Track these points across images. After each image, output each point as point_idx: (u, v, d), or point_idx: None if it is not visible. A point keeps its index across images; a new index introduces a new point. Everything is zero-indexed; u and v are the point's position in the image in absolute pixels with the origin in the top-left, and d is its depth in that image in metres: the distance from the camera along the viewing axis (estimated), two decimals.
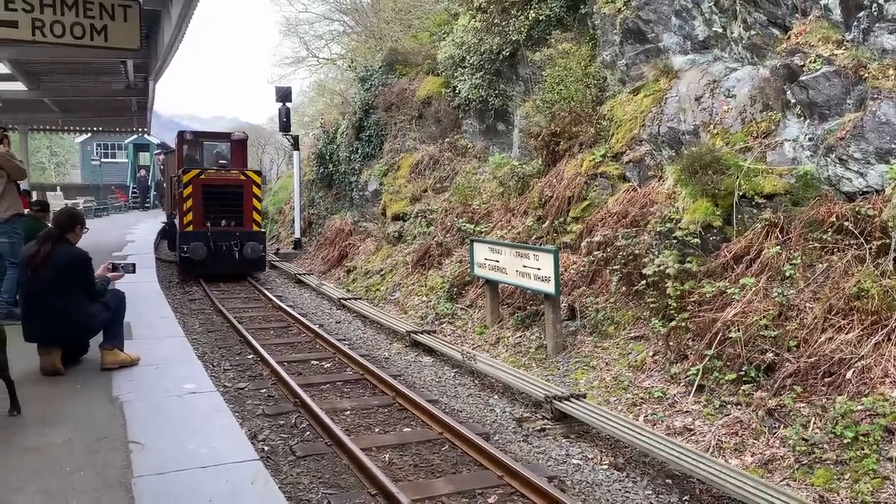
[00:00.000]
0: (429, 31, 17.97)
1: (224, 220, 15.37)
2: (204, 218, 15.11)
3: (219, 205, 15.34)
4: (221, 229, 15.24)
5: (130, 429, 5.00)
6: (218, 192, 15.37)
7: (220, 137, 18.64)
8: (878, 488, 5.01)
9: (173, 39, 10.88)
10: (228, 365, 8.60)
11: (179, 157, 17.25)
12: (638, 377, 7.55)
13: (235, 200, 15.59)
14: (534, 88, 12.51)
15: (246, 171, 16.12)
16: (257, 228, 16.00)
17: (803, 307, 6.67)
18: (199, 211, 15.12)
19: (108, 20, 7.38)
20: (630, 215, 9.28)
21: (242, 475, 4.28)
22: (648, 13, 10.11)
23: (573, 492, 5.37)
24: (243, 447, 4.74)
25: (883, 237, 6.48)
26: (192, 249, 14.62)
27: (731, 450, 5.97)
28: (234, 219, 15.57)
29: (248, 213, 15.74)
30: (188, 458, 4.50)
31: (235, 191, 15.64)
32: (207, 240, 14.89)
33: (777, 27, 8.37)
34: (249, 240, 15.41)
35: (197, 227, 15.03)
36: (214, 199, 15.29)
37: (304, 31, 32.28)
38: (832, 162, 7.16)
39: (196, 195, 15.14)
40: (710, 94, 9.12)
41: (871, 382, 5.75)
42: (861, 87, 7.07)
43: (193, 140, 17.63)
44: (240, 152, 17.71)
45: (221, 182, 15.53)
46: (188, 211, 15.06)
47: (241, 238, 15.31)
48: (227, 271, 15.38)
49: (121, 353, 6.68)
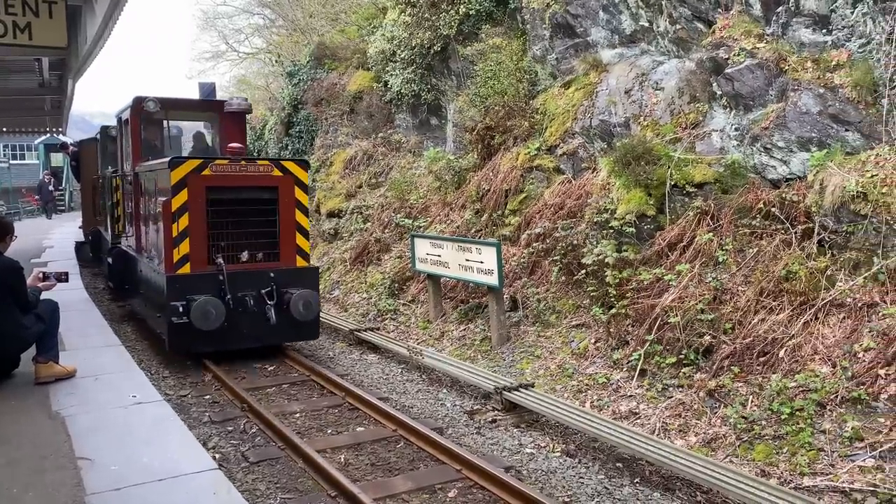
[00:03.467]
0: (357, 26, 17.81)
1: (248, 252, 8.69)
2: (212, 250, 8.45)
3: (239, 224, 8.68)
4: (244, 268, 8.59)
5: (77, 444, 4.83)
6: (237, 202, 8.65)
7: (205, 108, 11.05)
8: (814, 460, 5.32)
9: (98, 37, 10.42)
10: (168, 372, 8.36)
11: (135, 143, 10.23)
12: (582, 364, 7.75)
13: (266, 215, 8.84)
14: (466, 83, 12.60)
15: (282, 163, 9.08)
16: (304, 263, 9.10)
17: (736, 291, 6.99)
18: (203, 237, 8.41)
19: (32, 17, 7.04)
20: (567, 207, 9.48)
21: (202, 485, 4.20)
22: (577, 8, 10.32)
23: (530, 480, 5.48)
24: (200, 456, 4.65)
25: (807, 221, 6.84)
26: (199, 312, 7.87)
27: (675, 431, 6.21)
28: (264, 248, 8.83)
29: (287, 236, 8.94)
30: (143, 472, 4.38)
31: (266, 198, 8.84)
32: (221, 290, 8.22)
33: (701, 21, 8.69)
34: (293, 283, 8.67)
35: (199, 265, 8.36)
36: (231, 214, 8.61)
37: (223, 25, 31.44)
38: (758, 151, 7.50)
39: (196, 208, 8.35)
40: (639, 86, 9.39)
41: (803, 360, 6.09)
42: (782, 78, 7.43)
43: (158, 113, 10.15)
44: (238, 134, 10.61)
45: (242, 183, 8.67)
46: (181, 237, 8.31)
47: (278, 282, 8.58)
48: (257, 344, 8.72)
49: (56, 366, 6.44)
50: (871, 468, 5.09)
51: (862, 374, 5.68)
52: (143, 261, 9.81)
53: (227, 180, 8.53)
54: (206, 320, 7.87)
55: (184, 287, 8.10)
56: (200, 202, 8.32)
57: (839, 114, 6.84)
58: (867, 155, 6.51)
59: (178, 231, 8.25)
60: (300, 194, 9.03)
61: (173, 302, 7.97)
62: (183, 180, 8.25)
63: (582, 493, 5.34)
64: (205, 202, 8.37)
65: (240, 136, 10.57)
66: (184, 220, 8.27)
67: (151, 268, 9.14)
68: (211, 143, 11.29)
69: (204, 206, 8.36)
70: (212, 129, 11.33)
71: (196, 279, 8.21)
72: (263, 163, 8.97)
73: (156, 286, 8.76)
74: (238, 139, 10.31)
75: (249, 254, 8.70)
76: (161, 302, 8.33)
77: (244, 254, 8.66)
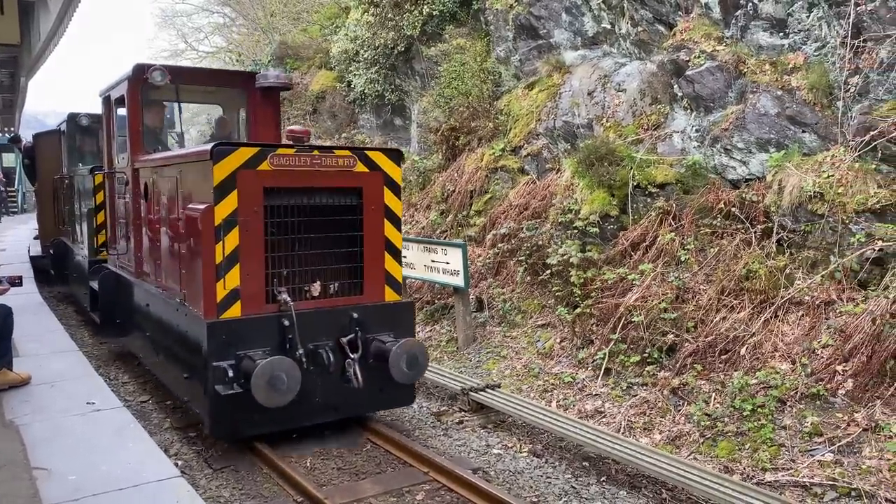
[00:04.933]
0: (319, 25, 17.68)
1: (318, 282, 6.05)
2: (270, 278, 5.81)
3: (308, 243, 6.04)
4: (316, 306, 5.99)
5: (32, 454, 4.69)
6: (306, 211, 5.98)
7: (228, 81, 8.60)
8: (775, 455, 5.42)
9: (52, 34, 10.12)
10: (127, 377, 8.16)
11: (134, 128, 7.51)
12: (547, 364, 7.79)
13: (345, 229, 6.19)
14: (430, 83, 12.58)
15: (368, 153, 6.30)
16: (395, 297, 6.46)
17: (698, 289, 7.09)
18: (259, 263, 5.73)
19: None
20: (531, 207, 9.53)
21: (166, 493, 4.10)
22: (540, 9, 10.38)
23: (498, 481, 5.48)
24: (162, 463, 4.55)
25: (766, 221, 6.98)
26: (265, 380, 5.19)
27: (640, 429, 6.28)
28: (342, 277, 6.23)
29: (373, 259, 6.31)
30: (103, 481, 4.26)
31: (345, 204, 6.20)
32: (287, 341, 5.64)
33: (662, 24, 8.81)
34: (382, 326, 6.18)
35: (254, 305, 5.70)
36: (298, 227, 5.97)
37: (182, 23, 30.99)
38: (718, 152, 7.63)
39: (251, 220, 5.66)
40: (601, 88, 9.49)
41: (763, 357, 6.20)
42: (741, 81, 7.56)
43: (166, 89, 7.59)
44: (272, 118, 7.51)
45: (314, 183, 5.98)
46: (228, 264, 5.58)
47: (363, 326, 6.04)
48: (333, 418, 6.13)
49: (10, 373, 6.26)
50: (830, 462, 5.20)
51: (820, 370, 5.81)
52: (150, 291, 7.01)
53: (293, 179, 5.73)
54: (276, 392, 5.17)
55: (233, 338, 5.41)
56: (256, 211, 5.56)
57: (796, 115, 6.99)
58: (823, 156, 6.67)
59: (223, 254, 5.43)
60: (391, 199, 6.26)
61: (218, 362, 5.29)
62: (231, 178, 5.43)
63: (549, 492, 5.36)
64: (262, 211, 5.60)
65: (273, 122, 7.54)
66: (232, 239, 5.45)
67: (171, 306, 6.27)
68: (240, 132, 8.48)
69: (261, 217, 5.60)
70: (232, 111, 8.67)
71: (250, 326, 5.51)
72: (343, 153, 6.02)
73: (183, 335, 5.96)
74: (271, 125, 7.45)
75: (322, 285, 5.97)
76: (194, 361, 5.68)
77: (315, 285, 5.93)
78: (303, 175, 5.83)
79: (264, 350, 5.47)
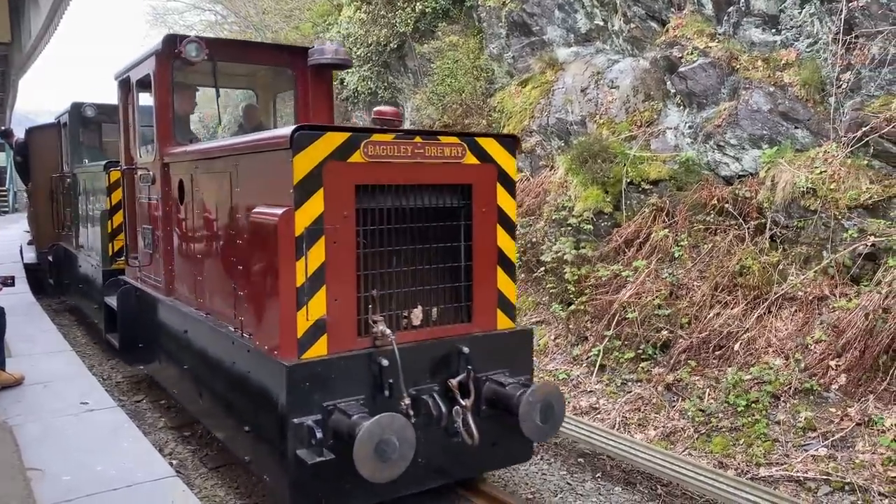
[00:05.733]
0: (312, 22, 17.61)
1: (419, 307, 4.63)
2: (363, 304, 4.39)
3: (406, 256, 4.62)
4: (416, 339, 4.54)
5: (26, 454, 4.66)
6: (406, 215, 4.56)
7: (274, 58, 7.11)
8: (769, 450, 5.44)
9: (43, 31, 10.04)
10: (121, 377, 8.14)
11: (163, 113, 6.21)
12: (542, 360, 7.80)
13: (450, 237, 4.75)
14: (423, 81, 12.56)
15: (478, 140, 4.77)
16: (509, 323, 4.97)
17: (692, 286, 7.11)
18: (350, 283, 4.30)
19: None
20: (525, 204, 9.53)
21: (160, 493, 4.09)
22: (532, 6, 10.37)
23: (493, 479, 5.48)
24: (157, 464, 4.53)
25: (759, 217, 7.00)
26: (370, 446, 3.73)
27: (635, 425, 6.29)
28: (445, 299, 4.78)
29: (484, 276, 4.85)
30: (97, 481, 4.25)
31: (450, 205, 4.76)
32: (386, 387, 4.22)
33: (655, 21, 8.82)
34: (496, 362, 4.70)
35: (344, 339, 4.27)
36: (396, 237, 4.55)
37: (174, 21, 30.79)
38: (711, 148, 7.64)
39: (340, 227, 4.24)
40: (594, 85, 9.49)
41: (757, 353, 6.23)
42: (734, 77, 7.58)
43: (201, 66, 6.23)
44: (324, 101, 6.88)
45: (415, 178, 4.55)
46: (313, 286, 4.15)
47: (474, 363, 4.55)
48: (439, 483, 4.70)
49: (3, 373, 6.23)
50: (824, 457, 5.23)
51: (814, 365, 5.84)
52: (187, 314, 5.65)
53: (391, 174, 4.41)
54: (385, 464, 3.80)
55: (318, 385, 4.06)
56: (347, 216, 4.24)
57: (789, 112, 7.01)
58: (816, 152, 6.69)
59: (306, 274, 4.11)
60: (505, 198, 4.90)
61: (300, 418, 3.95)
62: (316, 173, 4.13)
63: (545, 489, 5.37)
64: (354, 215, 4.28)
65: (327, 107, 6.72)
66: (317, 253, 4.14)
67: (223, 337, 4.91)
68: (275, 122, 7.60)
69: (353, 224, 4.28)
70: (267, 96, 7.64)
71: (340, 368, 4.15)
72: (450, 140, 4.61)
73: (243, 377, 4.59)
74: (324, 110, 6.58)
75: (424, 310, 4.64)
76: (262, 413, 4.32)
77: (416, 311, 4.58)
78: (403, 169, 4.44)
79: (357, 399, 4.12)
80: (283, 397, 4.00)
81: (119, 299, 6.95)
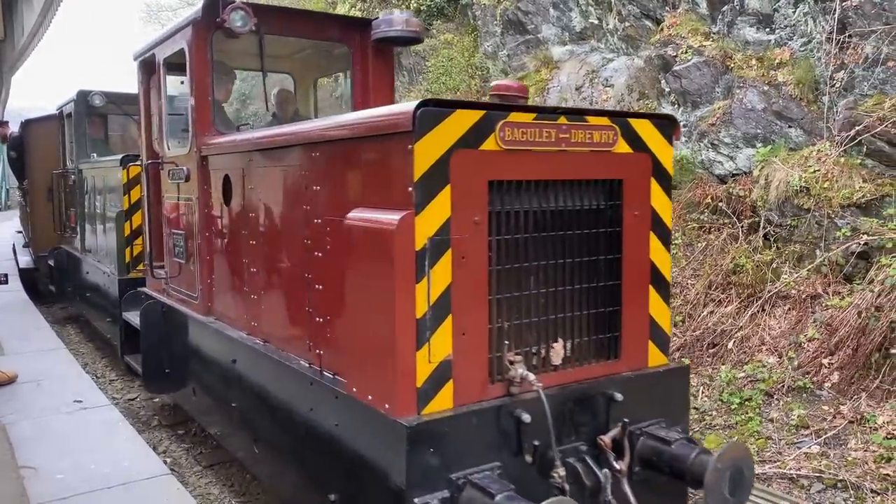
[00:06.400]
0: None
1: (561, 341, 3.40)
2: (495, 339, 3.17)
3: (545, 274, 3.35)
4: (558, 383, 3.33)
5: (19, 453, 4.66)
6: (547, 221, 3.33)
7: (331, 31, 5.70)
8: (763, 448, 5.46)
9: (37, 27, 10.00)
10: (115, 375, 8.12)
11: (201, 97, 5.05)
12: None
13: (596, 249, 3.51)
14: (418, 79, 12.56)
15: (631, 123, 3.54)
16: (662, 359, 3.77)
17: (686, 284, 7.13)
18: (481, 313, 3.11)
19: None
20: None
21: (154, 491, 4.09)
22: (527, 4, 10.39)
23: None
24: (151, 461, 4.53)
25: (753, 216, 7.03)
26: None
27: None
28: (586, 329, 3.51)
29: (635, 298, 3.64)
30: (91, 479, 4.24)
31: (594, 206, 3.50)
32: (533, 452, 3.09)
33: (649, 19, 8.84)
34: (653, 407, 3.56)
35: (474, 387, 3.09)
36: (535, 248, 3.30)
37: (168, 18, 30.74)
38: (705, 147, 7.66)
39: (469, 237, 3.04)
40: (589, 83, 9.51)
41: (750, 351, 6.25)
42: (728, 76, 7.60)
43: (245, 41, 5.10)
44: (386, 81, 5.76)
45: (555, 173, 3.31)
46: (436, 317, 2.97)
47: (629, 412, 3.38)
48: None
49: None
50: (817, 454, 5.25)
51: (807, 363, 5.87)
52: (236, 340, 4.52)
53: (532, 166, 3.27)
54: None
55: (445, 450, 2.94)
56: (478, 222, 3.12)
57: (783, 110, 7.04)
58: (809, 150, 6.71)
59: (428, 301, 2.98)
60: (660, 198, 3.77)
61: (422, 497, 2.86)
62: (442, 165, 2.99)
63: None
64: (487, 221, 3.15)
65: (388, 89, 5.75)
66: (442, 272, 3.02)
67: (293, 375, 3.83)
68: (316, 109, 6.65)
69: (485, 232, 3.16)
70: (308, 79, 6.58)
71: (471, 427, 3.04)
72: (600, 122, 3.47)
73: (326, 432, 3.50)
74: (386, 92, 5.68)
75: (565, 345, 3.49)
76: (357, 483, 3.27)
77: (556, 346, 3.45)
78: (544, 159, 3.29)
79: (493, 468, 3.01)
80: (400, 468, 2.89)
81: (143, 318, 5.77)
